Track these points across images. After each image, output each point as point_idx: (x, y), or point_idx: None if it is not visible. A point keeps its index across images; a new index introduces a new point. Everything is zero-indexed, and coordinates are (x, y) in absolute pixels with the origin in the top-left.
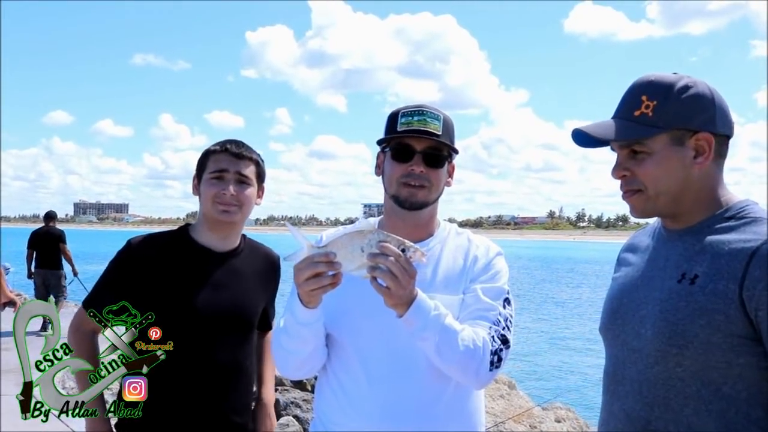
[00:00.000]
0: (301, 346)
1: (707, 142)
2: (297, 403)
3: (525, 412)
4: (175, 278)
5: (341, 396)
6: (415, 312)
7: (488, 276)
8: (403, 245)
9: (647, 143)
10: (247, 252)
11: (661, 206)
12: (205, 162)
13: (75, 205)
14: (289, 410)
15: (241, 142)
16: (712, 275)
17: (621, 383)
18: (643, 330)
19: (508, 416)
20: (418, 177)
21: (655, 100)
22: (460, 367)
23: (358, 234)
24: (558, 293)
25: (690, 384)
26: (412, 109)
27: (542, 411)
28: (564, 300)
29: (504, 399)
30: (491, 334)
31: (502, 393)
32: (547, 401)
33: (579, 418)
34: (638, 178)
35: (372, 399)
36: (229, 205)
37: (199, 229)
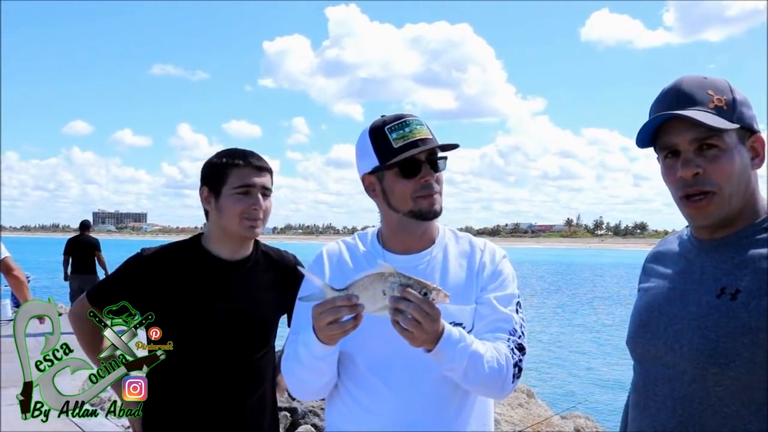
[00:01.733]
0: (317, 378)
1: (761, 145)
2: (315, 411)
3: (544, 421)
4: (187, 288)
5: (355, 408)
6: (444, 347)
7: (498, 283)
8: (426, 288)
9: (725, 137)
10: (261, 259)
11: (733, 209)
12: (224, 175)
13: (94, 215)
14: (308, 419)
15: (257, 154)
16: (756, 291)
17: (653, 399)
18: (677, 346)
19: (527, 425)
20: (432, 186)
21: (723, 95)
22: (485, 388)
23: (378, 276)
24: (577, 300)
25: (729, 404)
26: (396, 122)
27: (561, 419)
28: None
29: (523, 407)
30: (510, 346)
31: (521, 401)
32: (566, 410)
33: (598, 427)
34: (712, 177)
35: (387, 410)
36: (257, 220)
37: (212, 239)
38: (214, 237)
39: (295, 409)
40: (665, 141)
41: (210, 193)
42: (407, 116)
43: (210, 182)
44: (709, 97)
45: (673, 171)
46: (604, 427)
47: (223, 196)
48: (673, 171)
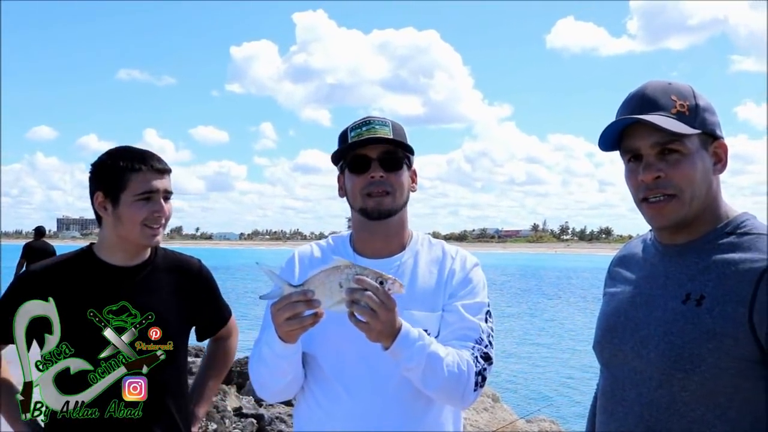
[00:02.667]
0: (280, 377)
1: (724, 151)
2: (282, 418)
3: (509, 425)
4: (80, 299)
5: (319, 413)
6: (401, 344)
7: (467, 291)
8: (381, 278)
9: (686, 142)
10: (160, 263)
11: (693, 213)
12: (124, 180)
13: (58, 221)
14: (274, 425)
15: (154, 153)
16: (720, 297)
17: (620, 404)
18: (644, 351)
19: (491, 429)
20: (379, 183)
21: (686, 101)
22: (445, 393)
23: (334, 270)
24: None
25: (695, 408)
26: (359, 122)
27: (526, 423)
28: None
29: (488, 412)
30: (475, 354)
31: (486, 406)
32: (531, 413)
33: (563, 430)
34: (673, 181)
35: (350, 415)
36: (158, 228)
37: (106, 247)
38: (108, 245)
39: (262, 416)
40: (628, 145)
41: (106, 198)
42: (373, 118)
43: (106, 187)
44: (672, 102)
45: (636, 174)
46: (569, 430)
47: (123, 203)
48: (636, 174)
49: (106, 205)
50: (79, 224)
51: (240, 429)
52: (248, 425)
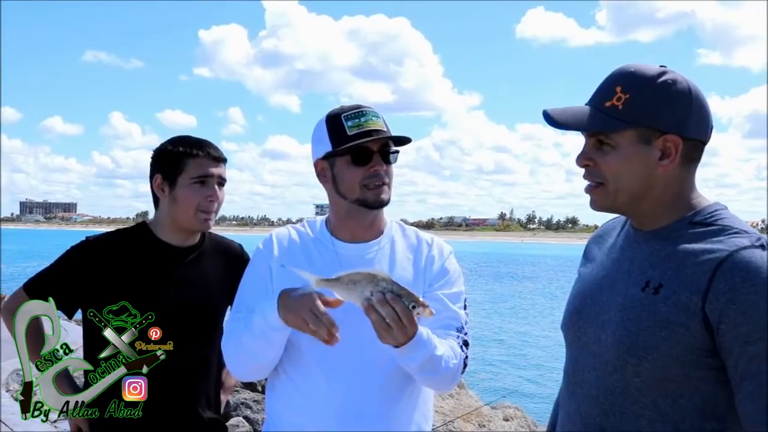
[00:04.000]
0: (266, 350)
1: (674, 145)
2: (247, 404)
3: (474, 411)
4: (137, 274)
5: (297, 396)
6: (411, 348)
7: (446, 280)
8: (415, 303)
9: (613, 137)
10: (209, 246)
11: (620, 203)
12: (182, 164)
13: (21, 204)
14: (240, 411)
15: (212, 143)
16: (676, 286)
17: (580, 386)
18: (603, 336)
19: (457, 415)
20: (381, 176)
21: (628, 93)
22: (438, 384)
23: (370, 277)
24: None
25: (647, 394)
26: (353, 111)
27: (491, 410)
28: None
29: (453, 398)
30: (459, 343)
31: (452, 392)
32: (495, 400)
33: (527, 417)
34: (601, 170)
35: (330, 399)
36: (211, 213)
37: (162, 227)
38: (164, 225)
39: (227, 402)
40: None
41: (164, 181)
42: (365, 107)
43: (165, 170)
44: (614, 93)
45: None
46: (533, 416)
47: (179, 185)
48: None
49: (164, 187)
50: (42, 207)
51: None
52: None
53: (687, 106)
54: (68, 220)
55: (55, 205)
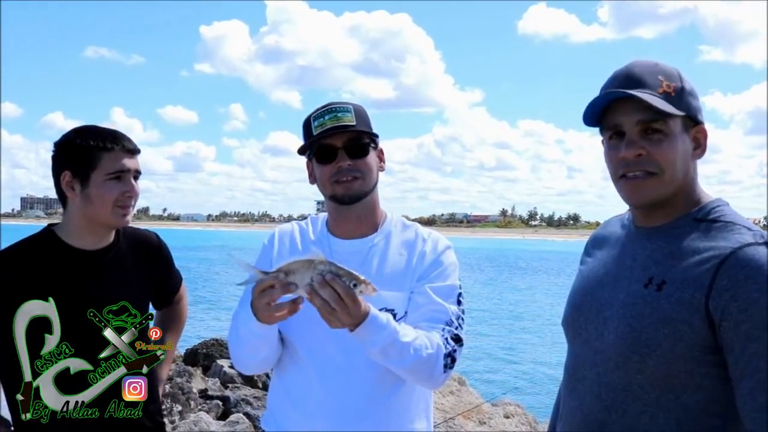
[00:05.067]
0: (254, 353)
1: (704, 136)
2: (247, 400)
3: (474, 408)
4: (47, 286)
5: (291, 393)
6: (366, 329)
7: (437, 273)
8: (355, 280)
9: (669, 123)
10: (125, 243)
11: (671, 193)
12: (94, 159)
13: (22, 200)
14: (240, 407)
15: (124, 134)
16: (679, 283)
17: (581, 382)
18: (606, 332)
19: (457, 412)
20: (348, 171)
21: (673, 83)
22: (413, 375)
23: (307, 263)
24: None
25: (649, 391)
26: (321, 110)
27: (492, 407)
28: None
29: (454, 395)
30: (444, 336)
31: (452, 389)
32: (496, 397)
33: (528, 414)
34: (655, 160)
35: (321, 397)
36: (129, 207)
37: (72, 230)
38: (75, 227)
39: (228, 398)
40: (611, 120)
41: (74, 178)
42: (336, 104)
43: (74, 166)
44: (658, 82)
45: (617, 151)
46: (533, 413)
47: (93, 182)
48: (617, 151)
49: (74, 185)
50: (43, 203)
51: (206, 411)
52: (214, 407)
53: (698, 98)
54: None
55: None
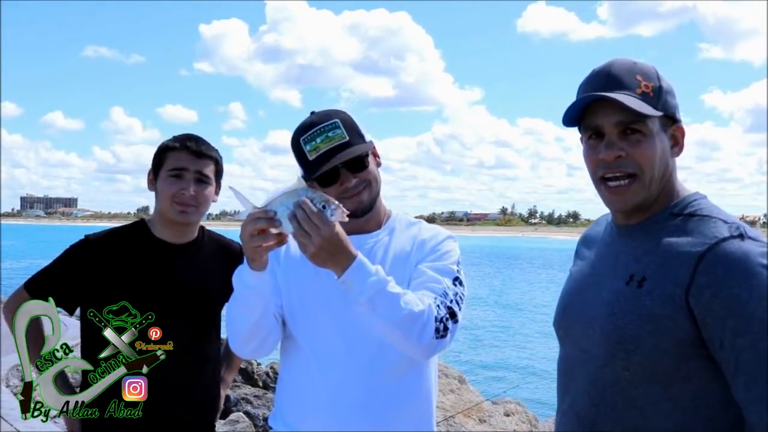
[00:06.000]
0: (248, 314)
1: (681, 134)
2: (248, 399)
3: (475, 407)
4: (133, 272)
5: (294, 389)
6: (352, 275)
7: (435, 256)
8: (326, 202)
9: (648, 123)
10: (207, 243)
11: (652, 194)
12: (163, 158)
13: (22, 199)
14: (240, 406)
15: (201, 139)
16: (660, 279)
17: (572, 381)
18: (591, 331)
19: (458, 410)
20: (354, 188)
21: (651, 82)
22: (401, 332)
23: (292, 193)
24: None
25: (637, 386)
26: (310, 132)
27: (492, 405)
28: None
29: (454, 393)
30: (437, 303)
31: (453, 387)
32: (496, 395)
33: (528, 412)
34: (634, 160)
35: (323, 391)
36: (188, 206)
37: (156, 223)
38: (157, 221)
39: (228, 397)
40: (590, 122)
41: (153, 175)
42: (322, 122)
43: (153, 165)
44: (637, 82)
45: (596, 152)
46: (534, 412)
47: (160, 178)
48: (596, 152)
49: (152, 181)
50: (43, 203)
51: None
52: None
53: (675, 96)
54: (69, 215)
55: (56, 200)
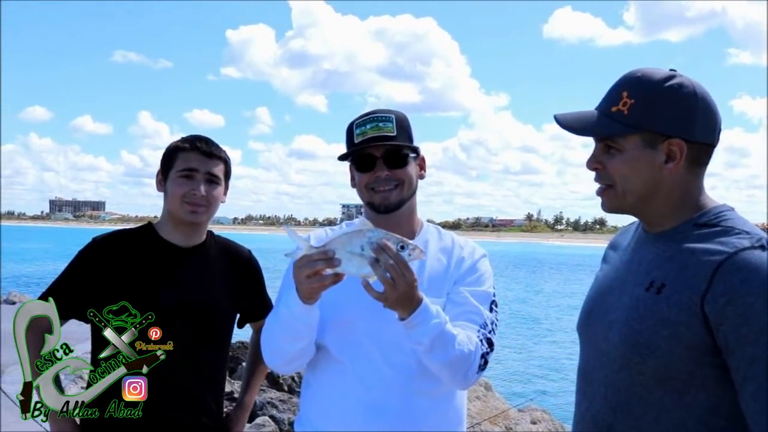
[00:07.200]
0: (294, 342)
1: (679, 149)
2: (273, 403)
3: (501, 414)
4: (139, 274)
5: (328, 395)
6: (418, 318)
7: (474, 278)
8: (402, 243)
9: (619, 141)
10: (214, 248)
11: (629, 205)
12: (172, 159)
13: (51, 203)
14: (266, 410)
15: (209, 140)
16: (678, 286)
17: (590, 384)
18: (610, 334)
19: (484, 417)
20: (384, 181)
21: (633, 99)
22: (450, 371)
23: (357, 233)
24: (536, 293)
25: (652, 391)
26: (364, 118)
27: (518, 413)
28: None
29: (480, 400)
30: (480, 337)
31: (479, 394)
32: (523, 403)
33: (554, 420)
34: (609, 173)
35: (362, 400)
36: (198, 206)
37: (163, 225)
38: (165, 223)
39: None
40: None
41: (162, 176)
42: (377, 113)
43: (163, 165)
44: (620, 98)
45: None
46: (560, 420)
47: (170, 179)
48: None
49: (162, 182)
50: (71, 206)
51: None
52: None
53: (692, 110)
54: (97, 218)
55: (84, 204)
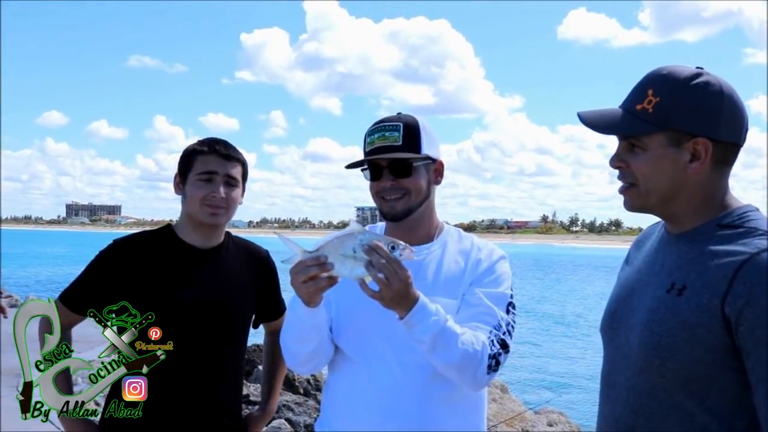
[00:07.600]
0: (304, 344)
1: (704, 148)
2: (289, 406)
3: (517, 416)
4: (159, 276)
5: (343, 396)
6: (416, 316)
7: (490, 280)
8: (393, 243)
9: (643, 139)
10: (233, 249)
11: (652, 204)
12: (191, 162)
13: (67, 207)
14: (282, 413)
15: (227, 143)
16: (699, 288)
17: (613, 388)
18: (632, 337)
19: (500, 420)
20: (391, 190)
21: (659, 97)
22: (457, 371)
23: (348, 236)
24: (553, 296)
25: (673, 395)
26: (373, 127)
27: (534, 415)
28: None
29: (496, 403)
30: (491, 338)
31: (495, 397)
32: (539, 405)
33: (571, 422)
34: (632, 172)
35: (376, 402)
36: (218, 208)
37: (182, 227)
38: (184, 225)
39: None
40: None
41: (180, 178)
42: (386, 123)
43: (180, 169)
44: (645, 96)
45: None
46: (577, 422)
47: (188, 182)
48: None
49: (180, 185)
50: (87, 210)
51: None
52: (255, 412)
53: (718, 109)
54: (113, 222)
55: (100, 208)
